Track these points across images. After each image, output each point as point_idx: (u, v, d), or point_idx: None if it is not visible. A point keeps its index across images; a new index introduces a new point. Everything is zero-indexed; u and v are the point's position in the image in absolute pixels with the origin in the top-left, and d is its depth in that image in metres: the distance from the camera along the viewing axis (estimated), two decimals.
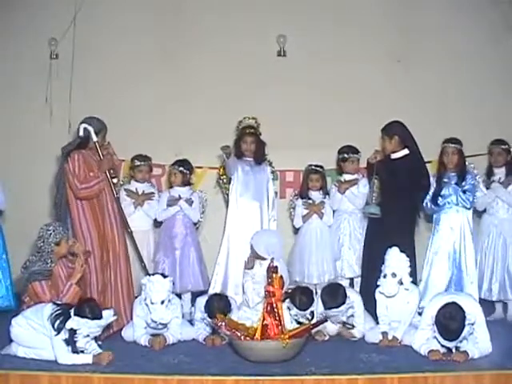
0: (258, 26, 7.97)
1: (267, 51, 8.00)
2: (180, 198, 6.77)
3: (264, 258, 5.81)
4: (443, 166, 6.45)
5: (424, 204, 6.45)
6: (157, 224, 7.02)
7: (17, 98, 8.03)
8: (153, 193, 7.00)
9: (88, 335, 4.87)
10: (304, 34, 8.00)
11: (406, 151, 6.32)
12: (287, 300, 5.49)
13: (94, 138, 5.92)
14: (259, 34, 7.97)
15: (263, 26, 7.97)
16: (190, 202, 6.80)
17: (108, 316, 4.98)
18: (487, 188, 6.52)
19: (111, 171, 6.05)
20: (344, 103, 7.91)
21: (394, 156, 6.36)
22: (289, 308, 5.48)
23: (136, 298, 5.78)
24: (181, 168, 6.86)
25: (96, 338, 5.00)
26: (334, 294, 5.55)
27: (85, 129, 5.93)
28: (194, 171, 7.09)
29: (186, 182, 6.90)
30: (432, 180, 6.42)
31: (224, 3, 8.11)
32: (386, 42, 8.02)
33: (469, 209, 6.41)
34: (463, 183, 6.35)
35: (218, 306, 5.51)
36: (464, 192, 6.32)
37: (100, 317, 4.89)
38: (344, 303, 5.53)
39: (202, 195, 7.01)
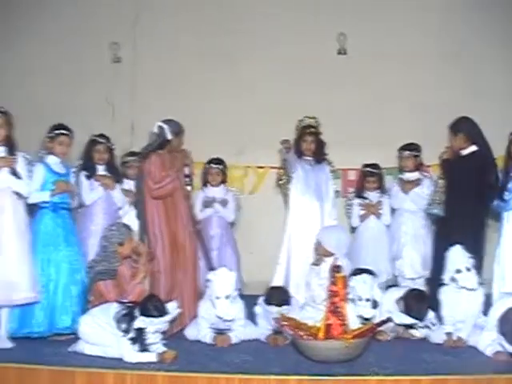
0: (317, 24, 7.95)
1: (327, 49, 7.95)
2: (215, 199, 6.78)
3: (331, 255, 5.74)
4: (511, 158, 6.00)
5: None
6: None
7: (80, 99, 8.17)
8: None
9: (156, 331, 4.88)
10: (364, 32, 7.96)
11: (473, 148, 6.15)
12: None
13: (169, 137, 5.95)
14: (319, 32, 7.94)
15: (323, 24, 7.94)
16: (224, 202, 6.80)
17: (173, 309, 4.98)
18: None
19: (186, 179, 6.08)
20: (405, 101, 7.86)
21: (462, 153, 6.20)
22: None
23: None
24: (215, 165, 6.86)
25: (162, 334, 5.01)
26: (421, 308, 5.47)
27: (160, 127, 5.97)
28: (228, 169, 7.10)
29: (222, 180, 6.90)
30: (500, 176, 6.05)
31: (282, 1, 8.09)
32: (445, 41, 7.89)
33: None
34: None
35: (278, 294, 5.53)
36: None
37: (165, 313, 4.89)
38: (423, 319, 5.47)
39: (237, 194, 7.01)
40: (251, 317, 5.72)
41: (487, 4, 7.98)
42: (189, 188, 6.14)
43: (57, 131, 5.79)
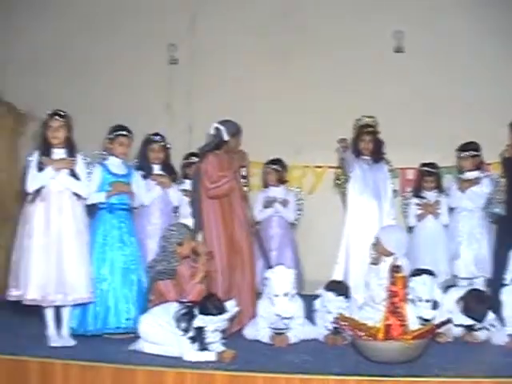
0: (374, 22, 7.89)
1: (384, 48, 7.93)
2: (276, 199, 6.77)
3: (390, 254, 5.70)
4: None
5: None
6: None
7: (138, 100, 8.28)
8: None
9: (216, 330, 4.90)
10: (421, 29, 7.88)
11: None
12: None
13: (225, 138, 5.97)
14: (376, 30, 7.90)
15: (380, 22, 7.87)
16: (285, 202, 6.80)
17: (231, 307, 5.00)
18: None
19: (243, 180, 6.11)
20: (463, 100, 7.73)
21: None
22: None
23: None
24: (274, 166, 6.86)
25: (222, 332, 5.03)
26: (480, 308, 5.37)
27: (217, 128, 6.00)
28: (287, 169, 7.12)
29: (281, 181, 6.91)
30: None
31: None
32: (503, 39, 7.77)
33: None
34: None
35: (338, 284, 5.62)
36: None
37: (224, 311, 4.92)
38: (482, 320, 5.38)
39: (298, 193, 7.02)
40: (310, 317, 5.72)
41: None
42: (245, 189, 6.15)
43: (116, 132, 5.87)
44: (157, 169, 6.38)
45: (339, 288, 5.59)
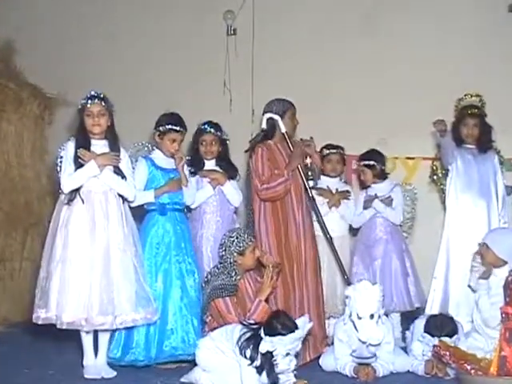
0: None
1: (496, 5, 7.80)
2: (376, 196, 6.62)
3: (503, 264, 5.52)
4: None
5: None
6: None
7: (189, 81, 8.35)
8: (348, 191, 6.89)
9: (288, 353, 4.80)
10: None
11: None
12: None
13: (283, 129, 5.91)
14: None
15: None
16: (388, 200, 6.65)
17: (303, 324, 4.90)
18: None
19: (309, 173, 6.00)
20: None
21: None
22: None
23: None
24: (366, 162, 6.72)
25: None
26: None
27: (269, 119, 5.94)
28: (386, 160, 6.87)
29: (380, 176, 6.74)
30: None
31: None
32: None
33: None
34: None
35: (442, 325, 5.38)
36: None
37: (295, 328, 4.82)
38: None
39: (408, 188, 6.87)
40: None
41: None
42: (311, 183, 6.06)
43: (168, 126, 5.77)
44: (210, 165, 6.25)
45: (439, 327, 5.40)
